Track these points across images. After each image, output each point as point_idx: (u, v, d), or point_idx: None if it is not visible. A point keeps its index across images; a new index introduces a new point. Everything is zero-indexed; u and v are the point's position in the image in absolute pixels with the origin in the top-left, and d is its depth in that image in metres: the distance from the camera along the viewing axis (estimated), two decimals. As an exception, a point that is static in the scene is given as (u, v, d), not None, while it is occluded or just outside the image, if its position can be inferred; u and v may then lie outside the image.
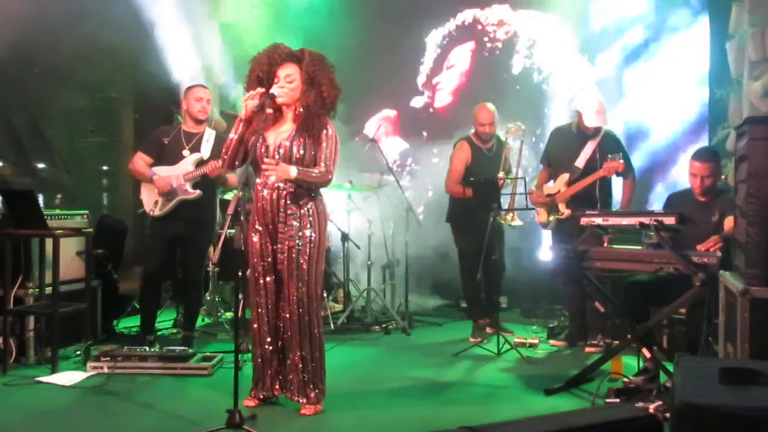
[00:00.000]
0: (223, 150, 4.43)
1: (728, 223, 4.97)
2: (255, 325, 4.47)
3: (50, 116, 7.87)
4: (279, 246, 4.37)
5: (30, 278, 5.61)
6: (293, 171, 4.23)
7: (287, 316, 4.37)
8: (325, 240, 4.53)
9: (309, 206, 4.39)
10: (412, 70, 9.16)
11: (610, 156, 5.89)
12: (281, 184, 4.34)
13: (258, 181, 4.44)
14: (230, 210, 3.89)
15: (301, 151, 4.34)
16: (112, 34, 7.40)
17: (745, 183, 3.85)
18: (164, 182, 5.75)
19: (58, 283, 5.35)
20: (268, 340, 4.44)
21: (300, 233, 4.34)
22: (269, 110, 4.34)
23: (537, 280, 7.49)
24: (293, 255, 4.33)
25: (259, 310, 4.45)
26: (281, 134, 4.39)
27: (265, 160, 4.25)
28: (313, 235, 4.37)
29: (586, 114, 6.05)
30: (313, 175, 4.32)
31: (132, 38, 7.76)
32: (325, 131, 4.36)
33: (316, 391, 4.40)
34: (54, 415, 4.38)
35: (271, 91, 4.30)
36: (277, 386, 4.51)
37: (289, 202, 4.36)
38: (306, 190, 4.39)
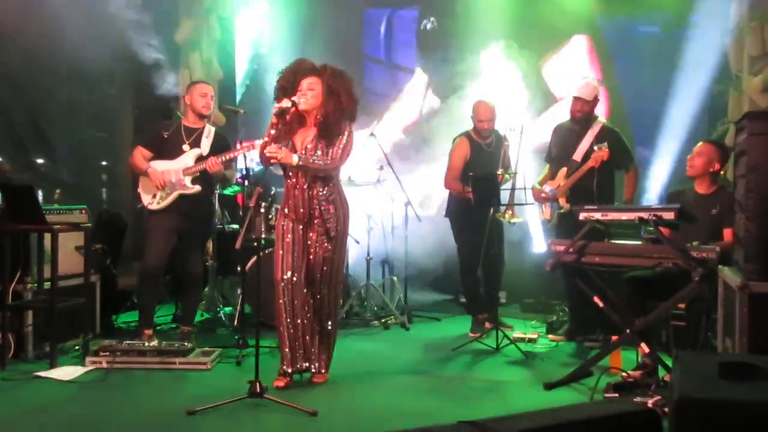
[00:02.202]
0: (260, 151, 4.79)
1: (727, 235, 4.96)
2: (286, 308, 4.81)
3: (50, 111, 7.85)
4: (312, 237, 4.86)
5: (29, 273, 5.60)
6: (295, 158, 4.68)
7: (315, 295, 4.89)
8: (348, 228, 5.06)
9: (336, 200, 4.90)
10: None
11: (596, 147, 5.90)
12: (309, 185, 4.81)
13: (288, 182, 4.89)
14: (252, 203, 4.45)
15: (323, 153, 4.80)
16: (111, 28, 7.40)
17: (745, 178, 3.85)
18: (159, 176, 5.75)
19: (57, 278, 5.35)
20: (296, 318, 4.82)
21: (329, 225, 4.84)
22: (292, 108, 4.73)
23: (536, 275, 7.48)
24: (323, 245, 4.85)
25: (293, 295, 4.80)
26: (305, 140, 4.86)
27: (268, 147, 4.63)
28: (341, 227, 4.91)
29: (573, 91, 6.20)
30: (317, 163, 4.76)
31: (130, 33, 7.74)
32: (342, 137, 4.84)
33: (325, 362, 4.96)
34: (53, 409, 4.38)
35: (293, 98, 4.71)
36: (303, 360, 4.89)
37: (319, 200, 4.84)
38: (330, 188, 4.87)
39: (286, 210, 4.89)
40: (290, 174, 4.87)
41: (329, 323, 4.95)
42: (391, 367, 5.52)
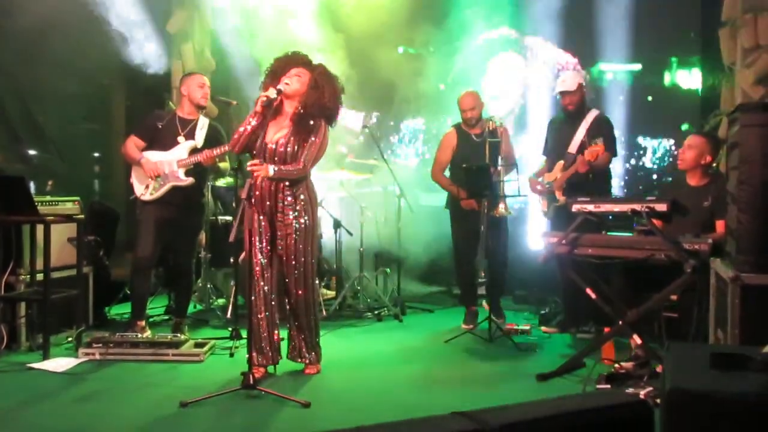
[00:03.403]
0: (235, 137, 4.81)
1: (719, 226, 4.97)
2: (253, 300, 4.76)
3: (42, 103, 7.82)
4: (279, 233, 4.82)
5: (21, 265, 5.59)
6: (271, 170, 4.65)
7: (290, 292, 4.87)
8: (317, 223, 5.10)
9: (303, 195, 4.84)
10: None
11: (593, 141, 5.91)
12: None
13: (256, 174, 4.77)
14: (243, 194, 4.37)
15: (296, 148, 4.77)
16: (103, 19, 7.39)
17: (737, 170, 3.86)
18: (153, 166, 5.74)
19: (50, 269, 5.33)
20: (266, 314, 4.83)
21: (296, 221, 4.79)
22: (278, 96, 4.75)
23: (529, 267, 7.49)
24: (292, 241, 4.79)
25: (260, 287, 4.82)
26: (279, 131, 4.83)
27: (249, 163, 4.68)
28: (308, 221, 4.84)
29: (557, 88, 6.29)
30: (290, 172, 4.74)
31: (123, 24, 7.71)
32: (315, 133, 4.79)
33: (315, 354, 5.01)
34: (45, 401, 4.38)
35: (278, 87, 4.73)
36: (278, 352, 4.94)
37: (285, 193, 4.80)
38: (298, 181, 4.81)
39: (253, 200, 4.80)
40: None
41: (306, 316, 4.92)
42: (383, 358, 5.53)
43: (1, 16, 6.92)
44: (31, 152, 7.80)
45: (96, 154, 8.82)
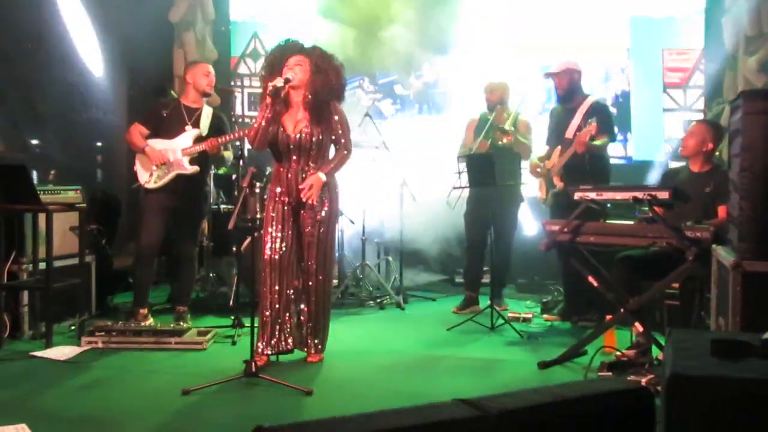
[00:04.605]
0: (251, 134, 4.81)
1: (721, 212, 4.96)
2: (265, 289, 4.82)
3: (44, 92, 7.80)
4: (307, 221, 4.84)
5: (23, 253, 5.60)
6: (323, 176, 4.78)
7: (309, 278, 4.88)
8: (338, 211, 5.14)
9: (329, 182, 4.88)
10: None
11: (589, 120, 5.91)
12: (302, 167, 4.84)
13: (281, 166, 4.90)
14: (245, 183, 4.45)
15: (321, 137, 4.83)
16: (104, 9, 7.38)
17: (739, 157, 3.84)
18: (158, 154, 5.74)
19: (52, 258, 5.34)
20: (277, 302, 4.81)
21: (323, 209, 4.85)
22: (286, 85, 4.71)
23: (531, 254, 7.49)
24: (317, 229, 4.84)
25: (274, 276, 4.80)
26: (299, 123, 4.84)
27: (301, 188, 4.74)
28: (334, 207, 4.94)
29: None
30: (338, 165, 4.91)
31: (124, 14, 7.70)
32: (335, 116, 4.89)
33: (319, 342, 4.97)
34: (48, 389, 4.39)
35: (285, 76, 4.70)
36: (289, 340, 4.92)
37: None
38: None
39: (277, 190, 4.87)
40: (283, 158, 4.87)
41: (322, 304, 4.95)
42: (386, 346, 5.55)
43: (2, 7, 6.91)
44: (33, 141, 7.79)
45: (98, 144, 8.80)
